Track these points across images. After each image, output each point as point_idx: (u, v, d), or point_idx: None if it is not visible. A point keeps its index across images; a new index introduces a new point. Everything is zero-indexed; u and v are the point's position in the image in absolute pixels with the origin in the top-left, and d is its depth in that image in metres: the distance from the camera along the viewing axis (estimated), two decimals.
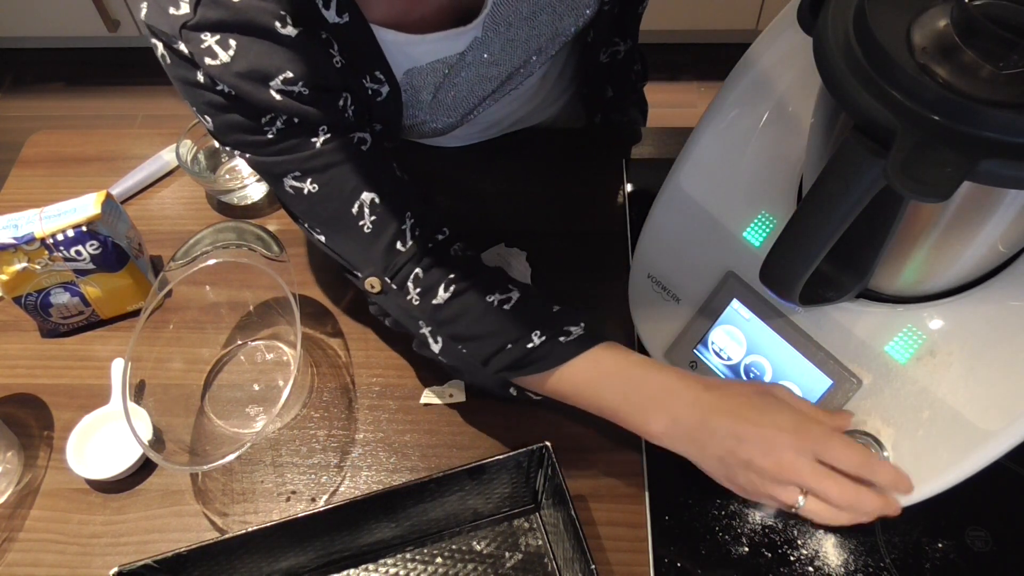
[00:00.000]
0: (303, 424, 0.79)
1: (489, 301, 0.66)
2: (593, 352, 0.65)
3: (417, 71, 0.71)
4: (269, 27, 0.60)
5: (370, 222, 0.67)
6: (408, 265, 0.67)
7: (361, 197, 0.66)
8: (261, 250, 0.80)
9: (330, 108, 0.64)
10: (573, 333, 0.65)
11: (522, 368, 0.66)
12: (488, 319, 0.66)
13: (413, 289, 0.67)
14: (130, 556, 0.62)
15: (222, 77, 0.60)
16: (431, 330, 0.69)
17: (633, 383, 0.63)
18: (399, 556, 0.71)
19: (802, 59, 0.65)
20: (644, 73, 1.04)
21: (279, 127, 0.64)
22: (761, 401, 0.60)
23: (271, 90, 0.61)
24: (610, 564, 0.70)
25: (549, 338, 0.65)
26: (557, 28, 0.75)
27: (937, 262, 0.56)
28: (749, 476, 0.59)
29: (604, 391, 0.65)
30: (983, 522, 0.70)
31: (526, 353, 0.65)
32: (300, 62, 0.61)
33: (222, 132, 0.65)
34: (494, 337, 0.66)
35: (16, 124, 2.27)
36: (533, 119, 0.98)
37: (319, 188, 0.66)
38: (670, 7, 2.12)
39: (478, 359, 0.67)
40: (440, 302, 0.67)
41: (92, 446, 0.77)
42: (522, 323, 0.66)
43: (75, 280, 0.81)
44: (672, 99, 2.24)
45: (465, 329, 0.67)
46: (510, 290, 0.67)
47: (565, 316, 0.67)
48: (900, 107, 0.43)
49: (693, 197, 0.72)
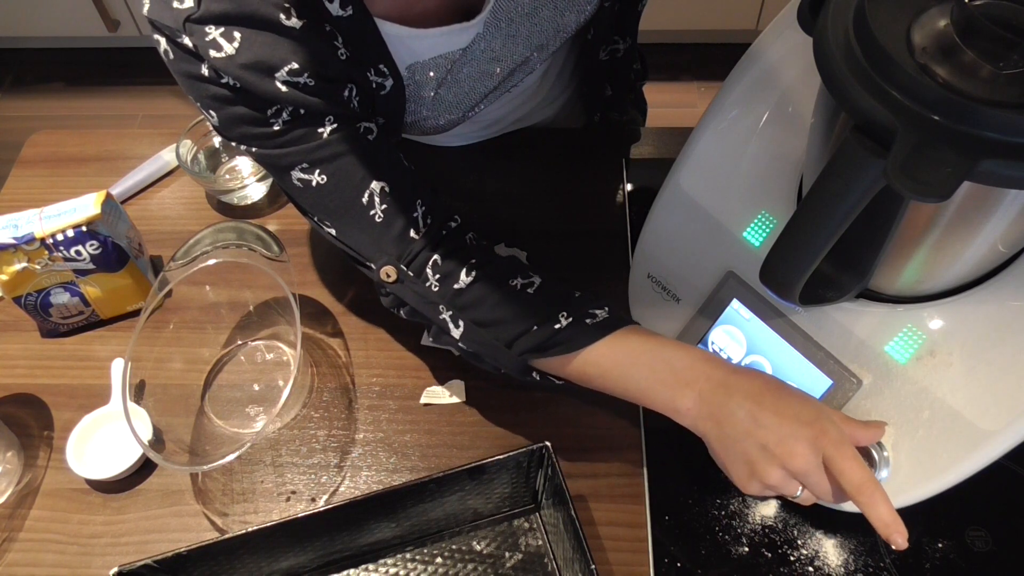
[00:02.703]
0: (303, 424, 0.79)
1: (512, 284, 0.67)
2: (619, 334, 0.65)
3: (420, 66, 0.71)
4: (274, 19, 0.60)
5: (381, 211, 0.67)
6: (424, 252, 0.67)
7: (371, 186, 0.66)
8: (261, 250, 0.80)
9: (336, 99, 0.65)
10: (598, 316, 0.66)
11: (548, 350, 0.66)
12: (512, 302, 0.66)
13: (432, 275, 0.67)
14: (130, 556, 0.62)
15: (227, 69, 0.61)
16: (452, 315, 0.68)
17: (661, 362, 0.63)
18: (399, 556, 0.71)
19: (802, 59, 0.65)
20: (643, 72, 1.04)
21: (285, 119, 0.64)
22: (786, 392, 0.60)
23: (277, 81, 0.61)
24: (610, 564, 0.70)
25: (576, 320, 0.65)
26: (559, 24, 0.75)
27: (937, 262, 0.56)
28: (758, 461, 0.58)
29: (632, 371, 0.64)
30: (983, 522, 0.70)
31: (552, 334, 0.65)
32: (305, 53, 0.62)
33: (227, 126, 0.65)
34: (520, 320, 0.66)
35: (16, 124, 2.27)
36: (533, 118, 0.98)
37: (327, 179, 0.66)
38: (670, 7, 2.12)
39: (503, 342, 0.67)
40: (462, 287, 0.67)
41: (92, 446, 0.77)
42: (548, 306, 0.66)
43: (75, 280, 0.81)
44: (672, 99, 2.24)
45: (489, 313, 0.67)
46: (532, 275, 0.68)
47: (589, 300, 0.67)
48: (900, 107, 0.43)
49: (693, 197, 0.72)
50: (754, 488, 0.60)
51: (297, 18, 0.61)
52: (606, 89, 0.94)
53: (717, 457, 0.62)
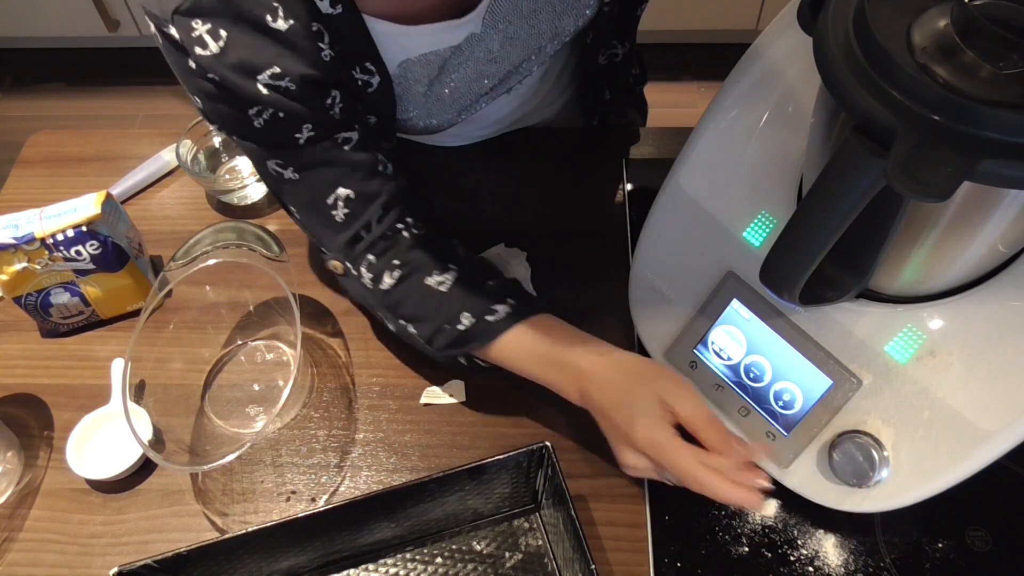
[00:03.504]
0: (303, 424, 0.79)
1: (428, 284, 0.71)
2: (518, 328, 0.69)
3: (411, 63, 0.71)
4: (260, 20, 0.61)
5: (343, 213, 0.71)
6: (365, 252, 0.72)
7: (337, 191, 0.70)
8: (261, 250, 0.80)
9: (317, 106, 0.66)
10: (499, 312, 0.69)
11: (461, 346, 0.70)
12: (428, 301, 0.71)
13: (366, 274, 0.73)
14: (130, 556, 0.62)
15: (211, 67, 0.62)
16: (384, 312, 0.74)
17: (551, 358, 0.68)
18: (399, 556, 0.71)
19: (802, 59, 0.65)
20: (643, 76, 1.04)
21: (266, 118, 0.65)
22: (627, 396, 0.63)
23: (259, 84, 0.63)
24: (610, 564, 0.70)
25: (478, 318, 0.69)
26: (557, 27, 0.75)
27: (937, 262, 0.56)
28: (619, 456, 0.65)
29: (527, 366, 0.70)
30: (983, 522, 0.70)
31: (460, 333, 0.70)
32: (289, 57, 0.63)
33: (211, 114, 0.67)
34: (433, 319, 0.71)
35: (16, 124, 2.27)
36: (531, 119, 0.98)
37: (299, 177, 0.70)
38: (670, 7, 2.12)
39: (423, 338, 0.72)
40: (387, 288, 0.72)
41: (92, 446, 0.77)
42: (455, 304, 0.70)
43: (75, 280, 0.81)
44: (672, 99, 2.24)
45: (410, 311, 0.72)
46: (449, 270, 0.72)
47: (494, 294, 0.71)
48: (900, 107, 0.43)
49: (693, 197, 0.72)
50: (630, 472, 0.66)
51: (284, 20, 0.61)
52: (605, 93, 0.94)
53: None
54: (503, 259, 0.87)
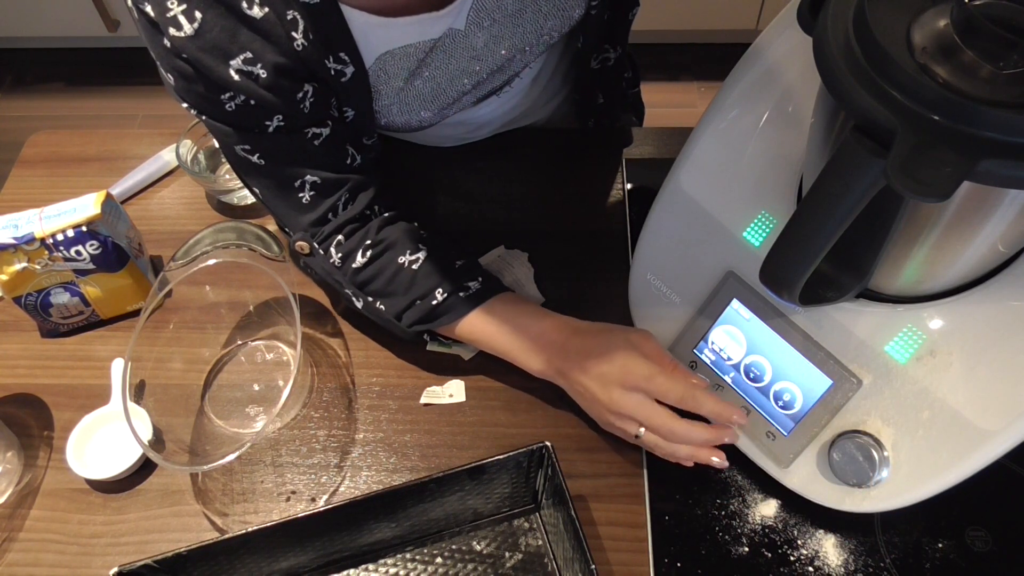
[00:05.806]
0: (303, 424, 0.79)
1: (400, 262, 0.75)
2: (487, 305, 0.74)
3: (390, 55, 0.71)
4: (236, 5, 0.61)
5: (309, 196, 0.74)
6: (333, 233, 0.75)
7: (304, 177, 0.73)
8: (261, 250, 0.80)
9: (288, 99, 0.67)
10: (471, 288, 0.74)
11: (431, 321, 0.74)
12: (400, 278, 0.74)
13: (336, 254, 0.75)
14: (130, 556, 0.62)
15: (185, 49, 0.62)
16: (352, 291, 0.77)
17: (518, 331, 0.73)
18: (399, 556, 0.71)
19: (802, 59, 0.65)
20: (635, 80, 1.05)
21: (237, 104, 0.66)
22: (606, 345, 0.69)
23: (231, 69, 0.63)
24: (610, 564, 0.70)
25: (451, 294, 0.73)
26: (542, 28, 0.75)
27: (937, 262, 0.56)
28: (596, 409, 0.71)
29: (498, 339, 0.74)
30: (983, 522, 0.70)
31: (432, 308, 0.73)
32: (262, 43, 0.63)
33: (183, 93, 0.67)
34: (405, 295, 0.74)
35: (16, 124, 2.27)
36: (524, 121, 0.98)
37: (265, 163, 0.72)
38: (670, 7, 2.12)
39: (392, 314, 0.75)
40: (358, 266, 0.75)
41: (92, 446, 0.77)
42: (428, 281, 0.74)
43: (75, 280, 0.81)
44: (672, 99, 2.24)
45: (380, 288, 0.75)
46: (419, 250, 0.75)
47: (465, 272, 0.75)
48: (900, 107, 0.43)
49: (693, 197, 0.72)
50: (608, 428, 0.72)
51: (259, 7, 0.62)
52: (598, 97, 0.94)
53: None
54: (505, 261, 0.87)
